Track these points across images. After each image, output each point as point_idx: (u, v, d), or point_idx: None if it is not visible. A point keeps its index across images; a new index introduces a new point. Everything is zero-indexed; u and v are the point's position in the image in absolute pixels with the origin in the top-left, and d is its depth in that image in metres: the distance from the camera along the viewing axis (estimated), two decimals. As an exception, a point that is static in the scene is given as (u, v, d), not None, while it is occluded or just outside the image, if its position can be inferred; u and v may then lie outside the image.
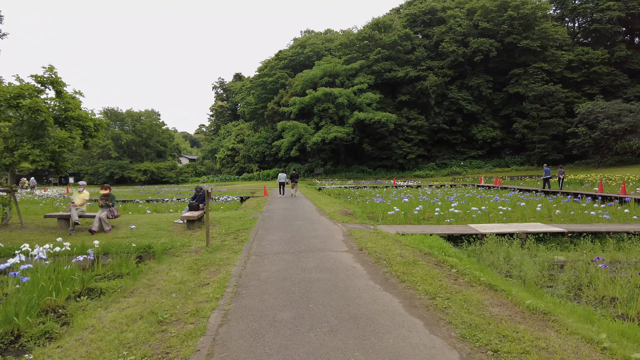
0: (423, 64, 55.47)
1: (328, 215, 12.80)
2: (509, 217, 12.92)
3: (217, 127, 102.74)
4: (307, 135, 48.39)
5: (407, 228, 10.46)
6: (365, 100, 49.06)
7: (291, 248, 7.45)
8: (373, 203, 17.70)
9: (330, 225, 10.57)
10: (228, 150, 72.54)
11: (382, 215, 13.91)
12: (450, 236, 9.62)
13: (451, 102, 54.34)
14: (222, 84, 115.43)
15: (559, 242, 9.47)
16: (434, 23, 60.12)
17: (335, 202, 17.42)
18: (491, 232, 9.53)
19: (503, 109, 55.78)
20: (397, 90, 55.80)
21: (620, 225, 10.35)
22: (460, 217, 13.04)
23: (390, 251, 6.82)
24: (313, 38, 71.99)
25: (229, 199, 22.79)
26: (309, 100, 49.13)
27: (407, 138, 52.76)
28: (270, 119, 61.03)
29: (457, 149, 56.36)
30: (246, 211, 15.04)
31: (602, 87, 53.99)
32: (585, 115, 45.87)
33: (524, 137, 53.09)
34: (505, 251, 8.25)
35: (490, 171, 51.74)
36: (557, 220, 12.34)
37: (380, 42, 55.08)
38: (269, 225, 10.87)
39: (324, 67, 52.30)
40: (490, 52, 52.94)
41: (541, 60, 52.83)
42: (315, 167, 54.22)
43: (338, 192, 29.09)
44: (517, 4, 51.71)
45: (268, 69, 67.00)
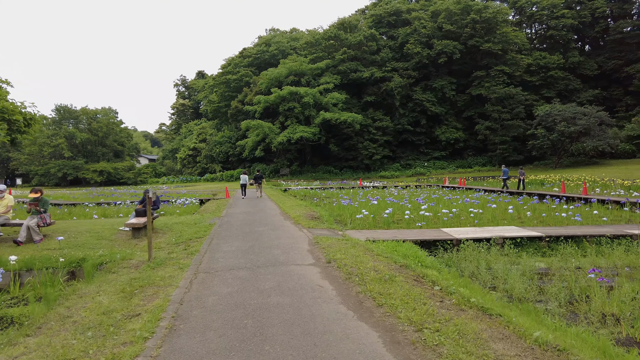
0: (388, 65, 55.54)
1: (293, 219, 11.84)
2: (480, 220, 12.44)
3: (179, 126, 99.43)
4: (273, 135, 47.19)
5: (377, 233, 9.68)
6: (331, 100, 48.43)
7: (249, 261, 6.43)
8: (340, 205, 16.89)
9: (295, 231, 9.62)
10: (189, 150, 70.03)
11: (351, 219, 13.10)
12: (424, 242, 8.91)
13: (416, 103, 54.71)
14: (184, 82, 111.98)
15: (536, 247, 8.97)
16: (399, 24, 60.39)
17: (301, 205, 16.48)
18: (467, 238, 8.90)
19: (466, 110, 56.73)
20: (363, 91, 55.59)
21: (595, 228, 10.01)
22: (431, 220, 12.44)
23: (363, 264, 5.95)
24: (278, 36, 70.77)
25: (187, 202, 21.35)
26: (274, 99, 47.95)
27: (372, 139, 52.59)
28: (234, 117, 59.30)
29: (421, 150, 56.82)
30: (203, 216, 13.82)
31: (558, 91, 56.03)
32: (543, 118, 47.27)
33: (486, 139, 54.19)
34: (486, 259, 7.60)
35: (453, 172, 52.42)
36: (530, 223, 11.96)
37: (346, 42, 54.67)
38: (226, 232, 9.77)
39: (290, 65, 51.28)
40: (454, 55, 53.66)
41: (502, 64, 54.10)
42: (281, 168, 53.08)
43: (304, 194, 28.18)
44: (480, 7, 52.70)
45: (232, 67, 65.19)
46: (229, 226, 10.79)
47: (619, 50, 58.83)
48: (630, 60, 56.92)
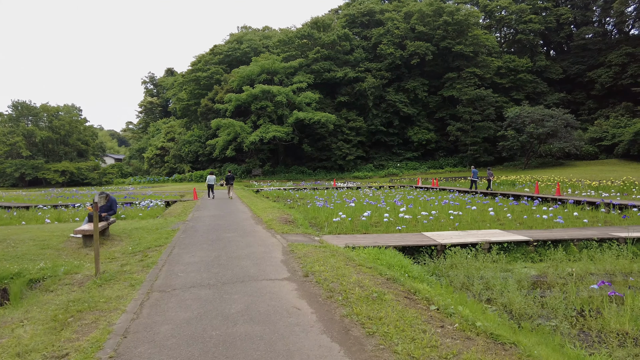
0: (362, 65, 55.32)
1: (265, 223, 10.99)
2: (461, 222, 11.98)
3: (147, 124, 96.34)
4: (244, 134, 45.96)
5: (356, 239, 8.99)
6: (304, 100, 47.66)
7: (213, 276, 5.55)
8: (315, 207, 16.15)
9: (267, 237, 8.79)
10: (157, 149, 67.66)
11: (327, 222, 12.38)
12: (407, 248, 8.27)
13: (388, 104, 54.73)
14: (152, 79, 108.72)
15: (524, 252, 8.51)
16: (372, 25, 60.31)
17: (274, 207, 15.62)
18: (452, 243, 8.33)
19: (438, 112, 57.21)
20: (336, 91, 55.12)
21: (579, 231, 9.68)
22: (411, 223, 11.88)
23: (345, 277, 5.21)
24: (250, 34, 69.41)
25: (152, 204, 20.07)
26: (246, 97, 46.73)
27: (346, 139, 52.19)
28: (204, 116, 57.56)
29: (394, 150, 56.89)
30: (167, 220, 12.76)
31: (526, 93, 57.36)
32: (513, 119, 48.14)
33: (457, 140, 54.80)
34: (475, 267, 7.02)
35: (425, 172, 52.72)
36: (511, 226, 11.58)
37: (319, 41, 54.04)
38: (190, 239, 8.83)
39: (262, 63, 50.17)
40: (426, 56, 53.97)
41: (473, 66, 54.84)
42: (253, 168, 51.88)
43: (277, 195, 27.28)
44: (452, 10, 53.21)
45: (202, 64, 63.37)
46: (194, 232, 9.83)
47: (582, 56, 60.88)
48: (592, 66, 58.98)
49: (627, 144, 47.18)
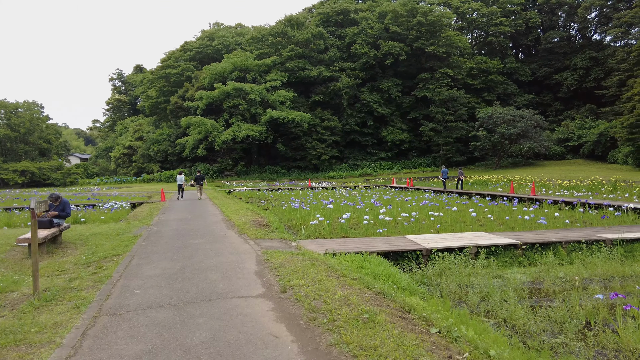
0: (336, 64, 54.92)
1: (237, 227, 10.21)
2: (442, 224, 11.57)
3: (114, 122, 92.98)
4: (216, 133, 44.64)
5: (336, 244, 8.36)
6: (278, 98, 46.78)
7: (175, 293, 4.78)
8: (291, 209, 15.44)
9: (239, 244, 8.04)
10: (125, 148, 65.19)
11: (304, 225, 11.71)
12: (390, 253, 7.71)
13: (363, 104, 54.57)
14: (120, 76, 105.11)
15: (512, 256, 8.10)
16: (347, 24, 60.01)
17: (247, 209, 14.81)
18: (437, 247, 7.82)
19: (411, 112, 57.50)
20: (311, 90, 54.48)
21: (565, 233, 9.39)
22: (392, 226, 11.37)
23: (329, 292, 4.56)
24: (222, 31, 67.85)
25: (116, 206, 18.83)
26: (218, 95, 45.42)
27: (321, 139, 51.63)
28: (173, 114, 55.72)
29: (368, 150, 56.79)
30: (130, 224, 11.77)
31: (497, 95, 58.42)
32: (485, 120, 48.83)
33: (430, 140, 55.21)
34: (465, 273, 6.52)
35: (399, 172, 52.85)
36: (493, 227, 11.24)
37: (293, 39, 53.24)
38: (153, 247, 7.96)
39: (235, 60, 48.93)
40: (400, 56, 54.08)
41: (446, 66, 55.35)
42: (225, 168, 50.58)
43: (250, 195, 26.40)
44: (425, 10, 53.52)
45: (172, 61, 61.43)
46: (158, 238, 8.94)
47: (549, 59, 62.62)
48: (559, 69, 60.74)
49: (591, 144, 48.72)
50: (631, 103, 35.66)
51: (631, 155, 38.66)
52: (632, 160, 38.78)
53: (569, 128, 53.68)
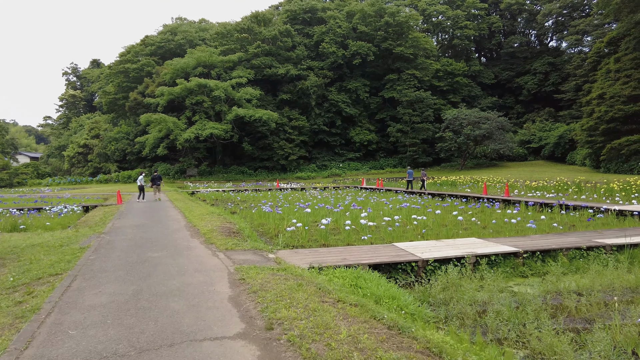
0: (304, 63, 53.94)
1: (204, 236, 8.98)
2: (427, 229, 10.82)
3: (68, 119, 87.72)
4: (178, 131, 42.52)
5: (320, 254, 7.35)
6: (244, 96, 45.20)
7: (126, 335, 3.57)
8: (262, 212, 14.28)
9: (207, 257, 6.86)
10: (80, 147, 61.28)
11: (278, 231, 10.62)
12: (381, 266, 6.78)
13: (331, 104, 53.92)
14: (75, 71, 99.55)
15: (512, 265, 7.39)
16: (314, 22, 59.17)
17: (213, 213, 13.52)
18: (434, 258, 6.98)
19: (379, 113, 57.44)
20: (278, 88, 53.20)
21: (562, 238, 8.81)
22: (374, 231, 10.49)
23: (330, 330, 3.53)
24: (186, 26, 65.18)
25: (66, 210, 16.96)
26: (180, 91, 43.29)
27: (288, 138, 50.45)
28: (132, 111, 52.80)
29: (336, 151, 56.19)
30: (79, 231, 10.25)
31: (462, 97, 59.36)
32: (451, 121, 49.30)
33: (397, 141, 55.29)
34: (471, 288, 5.68)
35: (366, 173, 52.60)
36: (480, 232, 10.59)
37: (260, 36, 51.79)
38: (103, 262, 6.64)
39: (198, 56, 46.88)
40: (368, 56, 53.82)
41: (413, 68, 55.60)
42: (188, 168, 48.38)
43: (215, 197, 24.90)
44: (393, 11, 53.52)
45: (132, 55, 58.32)
46: (109, 250, 7.59)
47: (511, 63, 64.40)
48: (520, 73, 62.57)
49: (552, 146, 50.27)
50: (590, 107, 36.81)
51: (589, 157, 39.98)
52: (590, 162, 40.11)
53: (531, 130, 55.25)
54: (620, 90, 33.39)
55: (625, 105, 32.95)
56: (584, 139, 37.07)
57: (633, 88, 32.81)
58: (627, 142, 32.41)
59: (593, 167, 39.51)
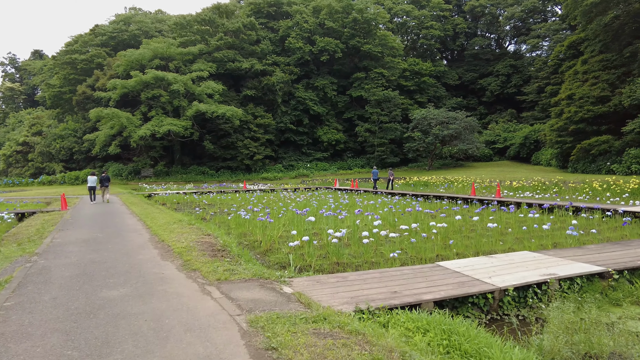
0: (269, 58, 51.47)
1: (180, 257, 6.63)
2: (458, 239, 9.01)
3: (5, 115, 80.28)
4: (132, 128, 38.78)
5: (353, 284, 5.27)
6: (206, 90, 42.10)
7: None
8: (239, 219, 11.97)
9: (195, 299, 4.56)
10: (18, 144, 55.47)
11: (269, 244, 8.41)
12: (448, 301, 4.81)
13: (298, 101, 51.84)
14: (13, 61, 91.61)
15: (598, 289, 5.67)
16: (280, 16, 56.87)
17: (182, 221, 11.06)
18: (511, 285, 5.11)
19: (346, 112, 56.03)
20: (242, 84, 50.36)
21: (624, 249, 7.24)
22: (399, 246, 8.54)
23: None
24: (141, 16, 60.81)
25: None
26: (135, 84, 39.60)
27: (253, 137, 47.77)
28: (81, 106, 48.08)
29: (303, 150, 54.13)
30: (1, 251, 7.54)
31: (429, 97, 59.14)
32: (419, 121, 48.63)
33: (365, 141, 54.10)
34: (582, 329, 3.84)
35: (334, 173, 50.99)
36: (511, 242, 8.92)
37: (222, 28, 48.77)
38: (23, 316, 4.14)
39: (155, 47, 43.24)
40: (335, 53, 52.24)
41: (381, 67, 54.63)
42: (143, 168, 44.56)
43: (177, 201, 22.06)
44: (361, 7, 52.23)
45: (80, 45, 53.40)
46: (41, 287, 5.10)
47: (474, 65, 65.10)
48: (483, 74, 63.36)
49: (517, 147, 50.82)
50: (559, 107, 37.02)
51: (555, 157, 40.35)
52: (556, 162, 40.50)
53: (495, 131, 55.80)
54: (589, 91, 33.63)
55: (594, 106, 33.20)
56: (553, 139, 37.21)
57: (601, 89, 33.11)
58: (597, 142, 32.63)
59: (559, 167, 39.89)
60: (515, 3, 61.10)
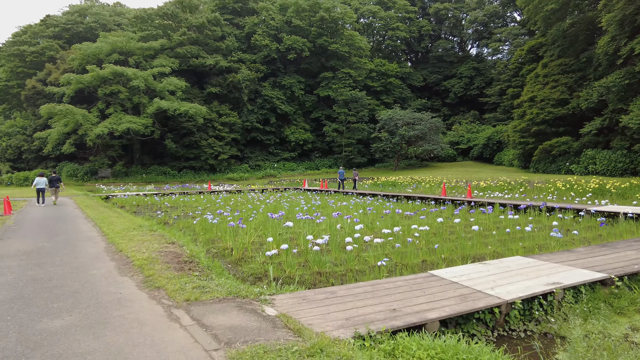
0: (235, 55, 50.14)
1: (141, 271, 5.76)
2: (441, 243, 8.59)
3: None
4: (88, 125, 36.56)
5: (344, 301, 4.63)
6: (168, 87, 40.34)
7: None
8: (206, 224, 11.09)
9: (160, 328, 3.74)
10: (-42, 143, 51.15)
11: (242, 252, 7.65)
12: (450, 319, 4.27)
13: (265, 100, 50.77)
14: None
15: (604, 299, 5.32)
16: (245, 13, 55.58)
17: (143, 227, 10.06)
18: (518, 297, 4.65)
19: (314, 111, 55.53)
20: (206, 81, 48.75)
21: (615, 252, 7.02)
22: (385, 251, 7.99)
23: None
24: (98, 7, 57.69)
25: None
26: (92, 79, 37.34)
27: (218, 136, 46.31)
28: (30, 101, 44.88)
29: (270, 150, 53.14)
30: None
31: (395, 98, 59.60)
32: (386, 122, 48.81)
33: (333, 141, 53.82)
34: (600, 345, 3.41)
35: (302, 173, 50.39)
36: (495, 245, 8.61)
37: (186, 22, 46.98)
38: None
39: (114, 41, 40.98)
40: (303, 52, 51.60)
41: (348, 67, 54.50)
42: (100, 168, 42.16)
43: (137, 203, 20.66)
44: (328, 6, 51.84)
45: (29, 36, 49.98)
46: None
47: (438, 67, 66.26)
48: (447, 76, 64.60)
49: (480, 147, 52.02)
50: (522, 109, 38.06)
51: (518, 158, 41.52)
52: (518, 162, 41.69)
53: (459, 132, 56.94)
54: (550, 93, 34.73)
55: (554, 108, 34.30)
56: (516, 140, 38.21)
57: (561, 92, 34.27)
58: (557, 143, 33.73)
59: (521, 167, 41.07)
60: (478, 7, 62.75)
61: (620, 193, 18.77)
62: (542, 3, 34.31)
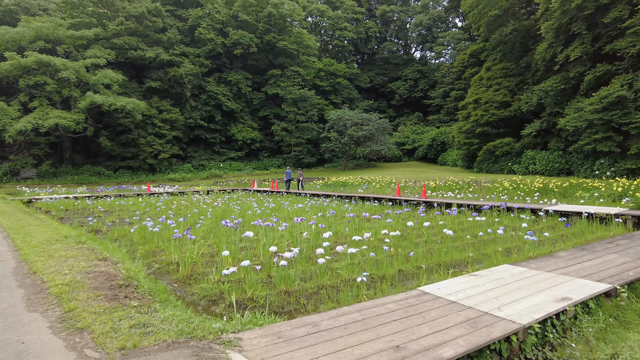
0: (177, 48, 47.41)
1: (58, 302, 4.41)
2: (411, 248, 7.88)
3: None
4: (7, 120, 32.57)
5: (330, 338, 3.67)
6: (103, 80, 37.06)
7: None
8: (145, 232, 9.63)
9: None
10: None
11: (190, 269, 6.44)
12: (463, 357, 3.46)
13: (209, 96, 48.49)
14: None
15: (610, 314, 4.80)
16: (189, 5, 52.89)
17: (68, 238, 8.43)
18: (536, 321, 3.94)
19: (262, 109, 54.02)
20: (146, 75, 45.61)
21: (606, 256, 6.66)
22: (359, 261, 7.10)
23: None
24: (18, -10, 52.00)
25: None
26: (12, 68, 33.32)
27: (158, 133, 43.44)
28: None
29: (215, 149, 50.87)
30: None
31: (343, 99, 59.58)
32: (335, 122, 48.51)
33: (282, 140, 52.68)
34: None
35: (250, 173, 48.73)
36: (473, 249, 8.07)
37: (123, 12, 43.58)
38: None
39: (39, 26, 36.88)
40: (250, 48, 49.95)
41: (297, 65, 53.62)
42: (23, 168, 37.84)
43: (65, 207, 18.28)
44: (276, 2, 50.59)
45: None
46: None
47: (384, 68, 67.27)
48: (393, 78, 65.75)
49: (425, 148, 53.27)
50: (466, 110, 39.21)
51: (462, 158, 42.82)
52: (462, 162, 43.00)
53: (404, 133, 58.02)
54: (493, 96, 36.02)
55: (498, 110, 35.61)
56: (461, 141, 39.29)
57: (503, 95, 35.65)
58: (500, 144, 35.03)
59: (465, 167, 42.38)
60: (423, 11, 64.37)
61: (561, 192, 19.43)
62: (486, 8, 35.52)
